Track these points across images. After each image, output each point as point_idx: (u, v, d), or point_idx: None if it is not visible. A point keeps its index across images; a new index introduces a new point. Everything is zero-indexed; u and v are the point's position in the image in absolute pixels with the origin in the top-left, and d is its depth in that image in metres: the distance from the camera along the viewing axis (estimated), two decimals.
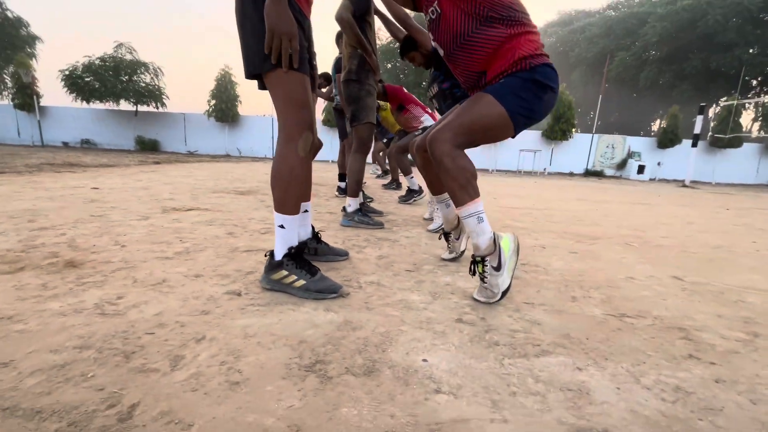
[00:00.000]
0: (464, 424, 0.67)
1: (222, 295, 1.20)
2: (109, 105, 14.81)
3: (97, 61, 14.01)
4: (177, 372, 0.78)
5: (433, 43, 2.36)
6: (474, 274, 1.27)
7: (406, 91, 3.60)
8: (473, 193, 1.22)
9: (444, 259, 1.77)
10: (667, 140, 14.26)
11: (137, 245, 1.71)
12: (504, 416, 0.70)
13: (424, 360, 0.88)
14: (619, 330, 1.10)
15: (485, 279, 1.24)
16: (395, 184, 5.02)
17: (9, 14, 17.91)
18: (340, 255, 1.66)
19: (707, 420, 0.72)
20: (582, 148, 15.04)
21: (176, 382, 0.74)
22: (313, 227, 1.63)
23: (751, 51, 21.21)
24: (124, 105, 15.09)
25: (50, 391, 0.69)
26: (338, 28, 2.19)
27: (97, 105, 14.86)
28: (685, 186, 10.53)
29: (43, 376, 0.74)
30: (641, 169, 14.20)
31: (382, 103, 4.27)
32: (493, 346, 0.97)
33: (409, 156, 2.91)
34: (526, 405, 0.73)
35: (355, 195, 2.42)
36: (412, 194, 3.71)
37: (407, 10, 2.07)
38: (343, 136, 3.90)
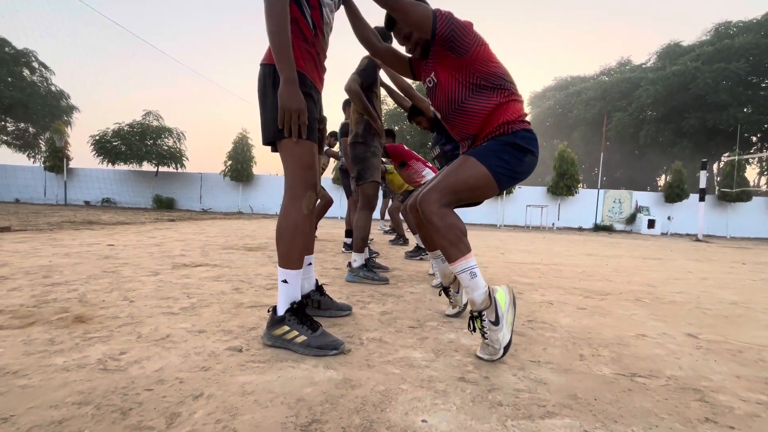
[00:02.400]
0: None
1: (223, 351, 1.20)
2: (133, 166, 15.72)
3: (126, 128, 15.15)
4: (172, 430, 0.77)
5: (432, 109, 2.55)
6: (474, 330, 1.26)
7: (406, 147, 3.80)
8: (464, 249, 1.25)
9: (448, 315, 1.75)
10: (674, 195, 14.32)
11: (145, 300, 1.74)
12: None
13: (424, 421, 0.85)
14: (630, 391, 1.06)
15: (485, 335, 1.22)
16: (402, 240, 5.08)
17: (53, 88, 19.83)
18: (343, 310, 1.66)
19: None
20: (589, 203, 15.13)
21: None
22: (316, 280, 1.65)
23: (745, 110, 22.01)
24: (146, 166, 16.00)
25: None
26: (346, 95, 2.41)
27: (121, 167, 15.78)
28: (698, 240, 10.35)
29: None
30: (651, 224, 14.10)
31: (388, 166, 4.49)
32: (496, 406, 0.93)
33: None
34: None
35: (360, 251, 2.46)
36: (419, 251, 3.73)
37: (409, 81, 2.29)
38: (349, 194, 4.05)
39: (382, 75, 2.61)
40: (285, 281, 1.27)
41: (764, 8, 28.44)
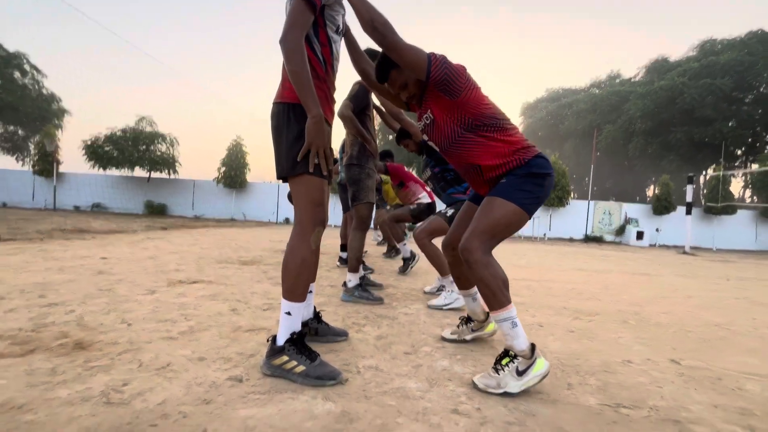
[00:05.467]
0: None
1: (224, 381, 1.23)
2: (124, 172, 15.60)
3: (118, 133, 15.05)
4: None
5: (424, 137, 2.63)
6: (498, 363, 1.30)
7: (406, 169, 3.87)
8: (505, 301, 1.31)
9: (443, 339, 1.79)
10: (662, 207, 14.62)
11: (143, 323, 1.76)
12: None
13: None
14: (615, 423, 1.11)
15: (499, 372, 1.27)
16: (394, 252, 5.13)
17: (44, 91, 19.64)
18: (340, 335, 1.70)
19: None
20: (580, 214, 15.36)
21: None
22: (315, 307, 1.69)
23: (730, 124, 22.63)
24: (138, 171, 15.88)
25: None
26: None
27: (113, 171, 15.63)
28: (685, 253, 10.57)
29: None
30: (640, 235, 14.34)
31: (384, 177, 4.56)
32: None
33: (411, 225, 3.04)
34: None
35: (355, 270, 2.50)
36: (407, 263, 3.79)
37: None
38: (346, 208, 4.10)
39: (376, 98, 2.68)
40: (288, 313, 1.30)
41: (746, 27, 29.37)
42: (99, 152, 14.49)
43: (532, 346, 1.30)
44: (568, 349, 1.76)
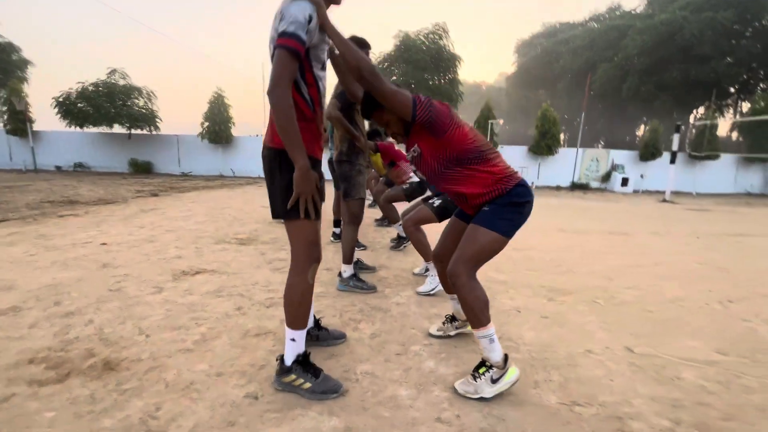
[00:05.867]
0: None
1: (242, 399, 1.44)
2: (103, 129, 14.97)
3: (90, 87, 14.17)
4: None
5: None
6: (475, 371, 1.52)
7: (397, 147, 3.89)
8: (485, 321, 1.49)
9: (431, 335, 2.02)
10: (648, 154, 14.78)
11: (159, 333, 1.94)
12: None
13: None
14: (568, 423, 1.37)
15: (477, 379, 1.50)
16: (387, 221, 5.30)
17: (1, 40, 17.99)
18: (338, 338, 1.91)
19: None
20: (568, 162, 15.50)
21: None
22: (314, 315, 1.87)
23: (726, 60, 22.06)
24: (118, 128, 15.25)
25: None
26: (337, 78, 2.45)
27: (91, 129, 14.99)
28: (665, 201, 10.97)
29: None
30: (625, 182, 14.68)
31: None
32: None
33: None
34: None
35: (348, 262, 2.67)
36: (401, 241, 3.98)
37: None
38: (337, 187, 4.16)
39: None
40: (293, 339, 1.48)
41: None
42: (72, 110, 13.75)
43: (506, 357, 1.52)
44: (540, 340, 2.02)
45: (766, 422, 1.42)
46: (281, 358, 1.52)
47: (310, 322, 1.83)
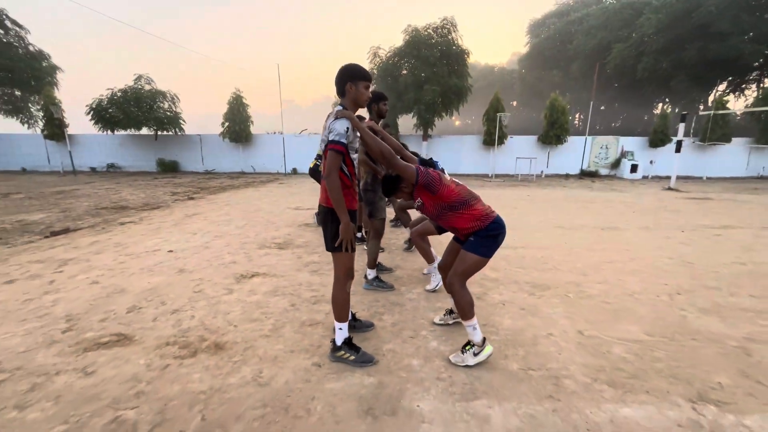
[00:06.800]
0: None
1: (311, 366, 2.24)
2: (131, 131, 16.02)
3: (119, 93, 15.14)
4: (312, 417, 1.81)
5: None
6: (463, 348, 2.28)
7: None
8: (471, 315, 2.23)
9: (434, 323, 2.78)
10: (657, 140, 14.95)
11: (243, 324, 2.76)
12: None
13: (418, 405, 1.90)
14: (521, 380, 2.11)
15: (464, 352, 2.25)
16: (400, 222, 6.05)
17: (31, 48, 19.08)
18: (369, 327, 2.69)
19: None
20: (577, 150, 15.81)
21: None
22: (351, 311, 2.65)
23: (746, 37, 21.47)
24: (145, 129, 16.27)
25: None
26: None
27: (120, 132, 16.05)
28: (669, 189, 11.33)
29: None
30: (634, 168, 14.95)
31: None
32: (453, 394, 1.99)
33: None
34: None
35: (372, 267, 3.44)
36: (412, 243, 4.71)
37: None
38: (360, 198, 4.92)
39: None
40: (341, 328, 2.26)
41: None
42: (105, 116, 14.79)
43: (484, 339, 2.27)
44: (515, 326, 2.75)
45: (659, 378, 2.13)
46: (333, 341, 2.31)
47: (349, 315, 2.61)
